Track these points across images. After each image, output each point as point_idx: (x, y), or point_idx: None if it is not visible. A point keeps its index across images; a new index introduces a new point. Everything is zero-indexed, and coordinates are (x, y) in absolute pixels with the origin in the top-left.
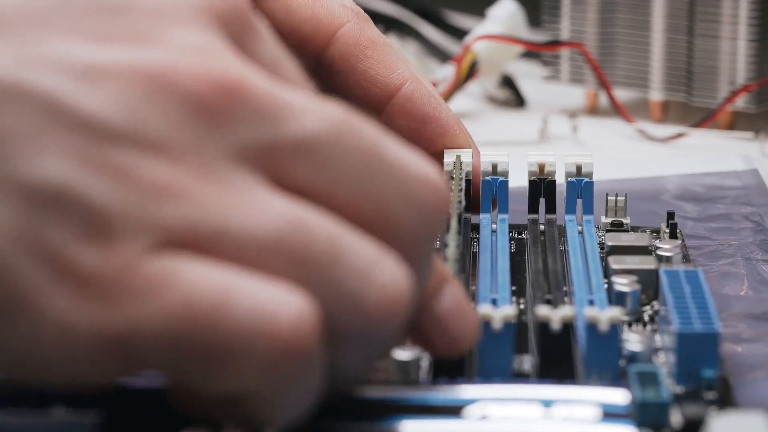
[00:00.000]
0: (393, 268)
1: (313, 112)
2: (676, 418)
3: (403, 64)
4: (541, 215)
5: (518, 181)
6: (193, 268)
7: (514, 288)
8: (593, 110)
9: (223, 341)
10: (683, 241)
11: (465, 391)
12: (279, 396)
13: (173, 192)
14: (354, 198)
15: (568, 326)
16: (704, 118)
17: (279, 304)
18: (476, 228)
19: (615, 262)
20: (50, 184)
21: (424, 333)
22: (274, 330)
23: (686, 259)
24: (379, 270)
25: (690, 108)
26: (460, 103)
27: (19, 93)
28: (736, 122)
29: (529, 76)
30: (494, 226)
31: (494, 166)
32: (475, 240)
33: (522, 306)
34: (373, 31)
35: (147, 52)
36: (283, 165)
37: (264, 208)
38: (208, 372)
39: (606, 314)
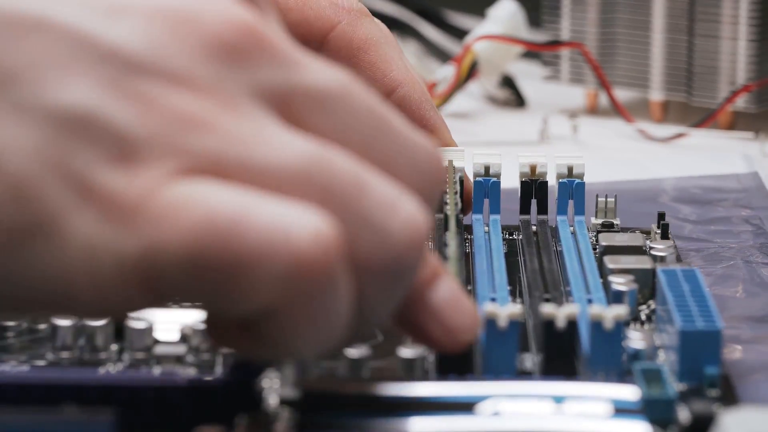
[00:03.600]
0: (412, 203)
1: (323, 69)
2: (683, 414)
3: (398, 66)
4: (533, 216)
5: (513, 182)
6: (214, 190)
7: (509, 288)
8: (593, 110)
9: (240, 256)
10: (674, 241)
11: (476, 387)
12: (301, 316)
13: (198, 122)
14: (363, 153)
15: (571, 324)
16: (704, 118)
17: (296, 219)
18: (468, 229)
19: (611, 262)
20: (76, 109)
21: (421, 326)
22: (291, 243)
23: (679, 258)
24: (402, 204)
25: (690, 108)
26: (460, 103)
27: (44, 25)
28: (737, 122)
29: (530, 76)
30: (486, 228)
31: (486, 168)
32: (468, 241)
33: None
34: (367, 29)
35: None
36: (298, 111)
37: (287, 143)
38: (228, 291)
39: (611, 312)
